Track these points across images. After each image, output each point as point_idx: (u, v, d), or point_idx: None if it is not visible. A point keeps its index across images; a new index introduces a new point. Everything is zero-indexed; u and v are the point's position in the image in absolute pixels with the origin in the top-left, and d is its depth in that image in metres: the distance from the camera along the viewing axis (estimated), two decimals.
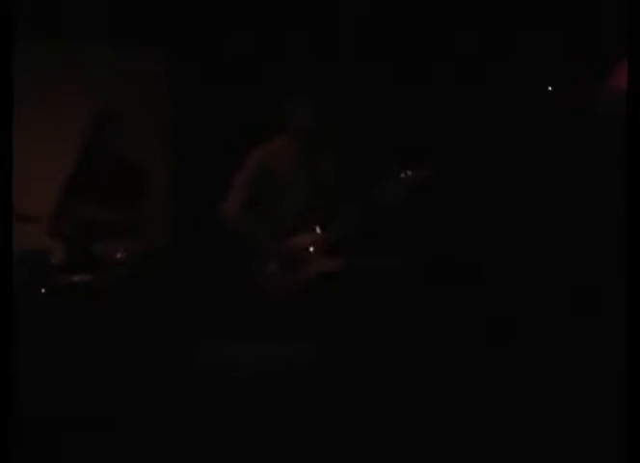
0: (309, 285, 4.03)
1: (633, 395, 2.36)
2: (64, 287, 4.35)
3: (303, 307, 4.00)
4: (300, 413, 3.40)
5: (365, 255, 4.14)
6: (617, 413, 2.58)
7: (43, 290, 4.34)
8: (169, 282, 4.55)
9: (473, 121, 4.82)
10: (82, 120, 4.76)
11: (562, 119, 4.50)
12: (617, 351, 2.65)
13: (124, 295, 4.34)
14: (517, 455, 3.01)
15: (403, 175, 3.98)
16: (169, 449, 3.17)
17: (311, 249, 4.07)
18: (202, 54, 5.56)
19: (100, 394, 3.66)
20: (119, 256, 4.45)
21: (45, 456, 3.11)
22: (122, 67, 5.67)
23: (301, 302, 4.02)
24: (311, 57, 5.19)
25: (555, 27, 4.46)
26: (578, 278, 3.96)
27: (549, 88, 4.56)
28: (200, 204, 4.70)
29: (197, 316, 4.45)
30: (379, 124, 5.08)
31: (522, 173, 4.63)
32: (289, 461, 3.11)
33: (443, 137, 4.85)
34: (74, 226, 4.55)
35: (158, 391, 3.67)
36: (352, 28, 5.13)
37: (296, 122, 4.16)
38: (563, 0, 4.44)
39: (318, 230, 4.10)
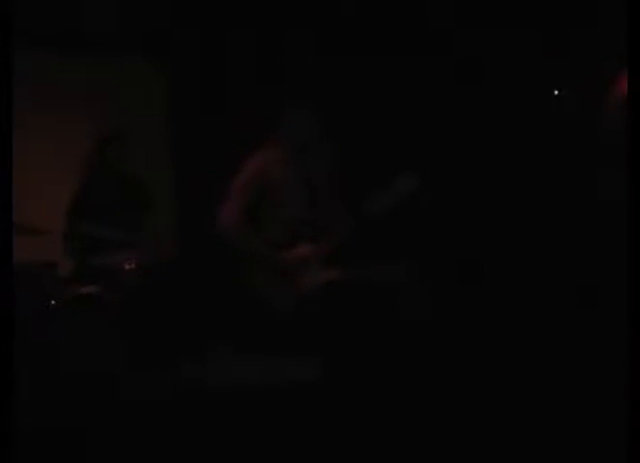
0: (306, 296, 4.02)
1: (634, 392, 2.35)
2: (71, 301, 4.37)
3: (299, 318, 3.99)
4: (299, 424, 3.38)
5: (362, 265, 4.13)
6: (619, 411, 2.57)
7: (52, 303, 4.36)
8: (171, 294, 4.57)
9: (471, 126, 4.81)
10: (83, 135, 4.86)
11: (561, 120, 4.51)
12: (620, 350, 2.64)
13: (130, 308, 4.36)
14: (523, 455, 2.99)
15: (400, 183, 3.98)
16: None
17: (308, 259, 4.07)
18: (201, 67, 5.60)
19: (105, 405, 3.65)
20: (126, 269, 4.49)
21: None
22: (122, 79, 5.73)
23: (297, 313, 4.00)
24: (307, 69, 5.21)
25: (556, 29, 4.46)
26: (582, 278, 3.95)
27: (555, 92, 4.58)
28: (204, 216, 4.72)
29: (195, 328, 4.46)
30: (374, 134, 5.08)
31: (522, 176, 4.63)
32: None
33: (440, 145, 4.84)
34: (81, 240, 4.59)
35: (161, 403, 3.67)
36: (355, 38, 5.16)
37: (292, 132, 4.16)
38: (564, 2, 4.44)
39: (315, 240, 4.10)
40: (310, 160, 4.18)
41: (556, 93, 4.54)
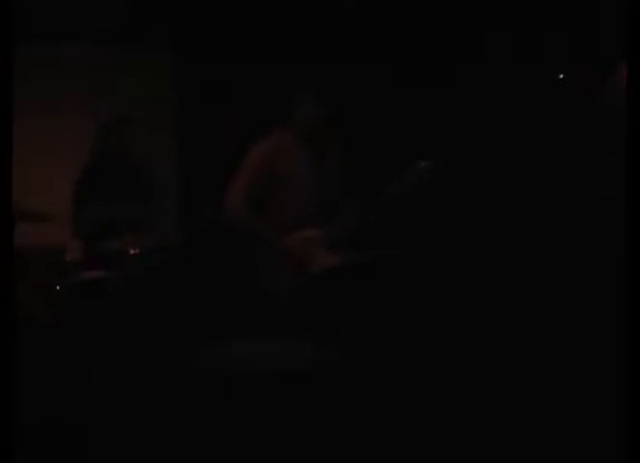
0: (312, 283, 4.02)
1: (633, 395, 2.35)
2: (76, 286, 4.40)
3: (305, 305, 3.99)
4: (303, 412, 3.39)
5: (368, 250, 4.12)
6: (617, 414, 2.57)
7: (57, 287, 4.39)
8: (176, 279, 4.58)
9: (479, 119, 4.80)
10: (89, 121, 4.86)
11: (563, 118, 4.49)
12: (619, 349, 2.65)
13: (134, 293, 4.38)
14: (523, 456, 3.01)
15: (408, 171, 3.97)
16: (176, 450, 3.19)
17: (313, 244, 4.07)
18: (207, 53, 5.59)
19: (110, 393, 3.68)
20: (130, 254, 4.50)
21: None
22: (127, 67, 5.71)
23: (303, 300, 4.00)
24: (318, 53, 5.19)
25: (556, 27, 4.43)
26: (583, 281, 3.95)
27: (560, 76, 4.55)
28: (209, 201, 4.73)
29: (201, 314, 4.47)
30: (384, 121, 5.07)
31: (528, 173, 4.62)
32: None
33: (450, 134, 4.83)
34: (87, 225, 4.61)
35: (167, 389, 3.68)
36: (359, 24, 5.13)
37: (301, 118, 4.15)
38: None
39: (322, 226, 4.10)
40: (319, 145, 4.17)
41: (561, 76, 4.52)
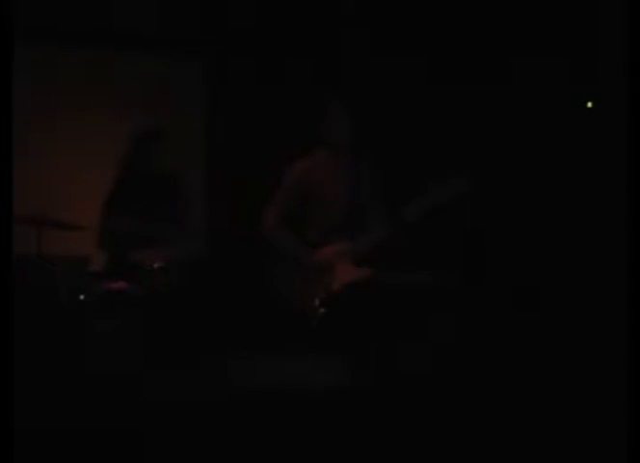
0: (338, 298, 4.05)
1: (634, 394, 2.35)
2: (101, 296, 4.44)
3: (331, 320, 4.01)
4: (325, 427, 3.37)
5: (396, 268, 4.15)
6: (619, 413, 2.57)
7: (82, 297, 4.43)
8: (202, 292, 4.62)
9: (508, 130, 4.80)
10: (119, 131, 4.96)
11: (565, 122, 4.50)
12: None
13: (159, 305, 4.42)
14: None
15: (439, 188, 4.03)
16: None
17: (341, 261, 4.11)
18: (238, 65, 5.66)
19: (127, 404, 3.69)
20: (156, 266, 4.54)
21: None
22: (159, 78, 5.81)
23: (329, 315, 4.03)
24: (350, 71, 5.25)
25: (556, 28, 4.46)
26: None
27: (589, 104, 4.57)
28: (236, 215, 4.77)
29: (224, 327, 4.49)
30: (417, 137, 5.10)
31: (555, 187, 4.61)
32: None
33: (478, 149, 4.84)
34: (115, 237, 4.66)
35: (187, 404, 3.69)
36: (385, 38, 5.18)
37: (332, 135, 4.21)
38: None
39: (350, 242, 4.14)
40: (353, 162, 4.23)
41: (589, 105, 4.54)
